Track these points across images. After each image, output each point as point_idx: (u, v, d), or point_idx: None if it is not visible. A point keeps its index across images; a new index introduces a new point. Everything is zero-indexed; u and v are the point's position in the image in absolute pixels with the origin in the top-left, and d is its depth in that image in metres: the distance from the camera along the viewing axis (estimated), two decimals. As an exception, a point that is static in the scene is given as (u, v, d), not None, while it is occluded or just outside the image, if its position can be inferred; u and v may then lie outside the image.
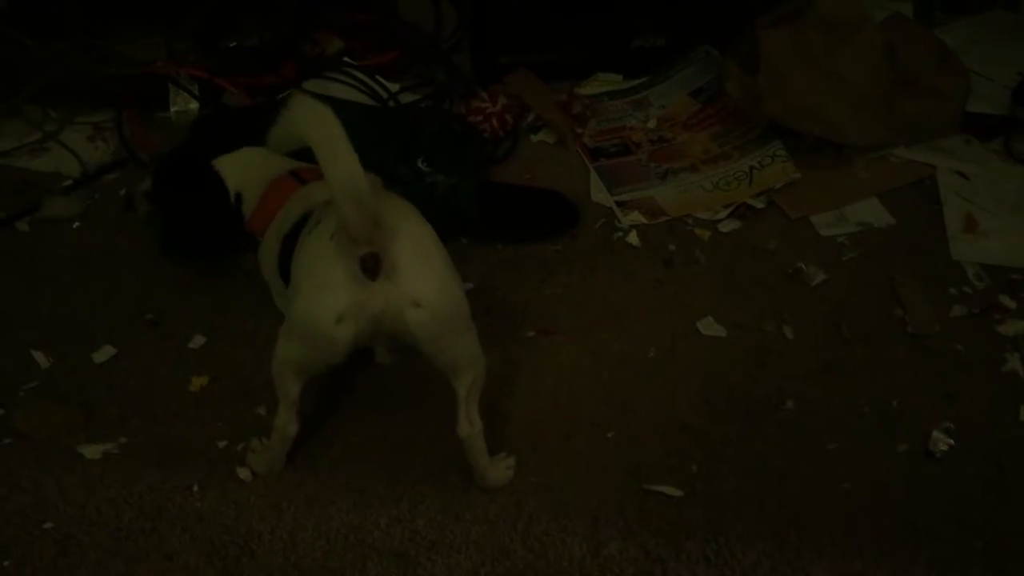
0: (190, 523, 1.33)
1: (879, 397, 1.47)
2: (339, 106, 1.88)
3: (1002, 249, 1.67)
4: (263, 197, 1.44)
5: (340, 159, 1.10)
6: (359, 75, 1.97)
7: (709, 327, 1.57)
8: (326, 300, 1.17)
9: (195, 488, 1.37)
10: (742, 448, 1.41)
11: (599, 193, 1.80)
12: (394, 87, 1.98)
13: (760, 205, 1.76)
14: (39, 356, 1.54)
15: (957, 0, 2.12)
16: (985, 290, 1.61)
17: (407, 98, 1.98)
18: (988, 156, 1.83)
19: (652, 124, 1.94)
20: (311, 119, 1.12)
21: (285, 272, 1.31)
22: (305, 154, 1.20)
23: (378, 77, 1.98)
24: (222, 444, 1.42)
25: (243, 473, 1.38)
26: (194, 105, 1.89)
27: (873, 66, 1.81)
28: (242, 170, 1.48)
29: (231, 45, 2.02)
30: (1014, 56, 1.98)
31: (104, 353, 1.55)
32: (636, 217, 1.75)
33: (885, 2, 2.03)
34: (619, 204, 1.78)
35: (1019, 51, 1.99)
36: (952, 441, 1.40)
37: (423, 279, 1.18)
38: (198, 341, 1.56)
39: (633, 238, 1.72)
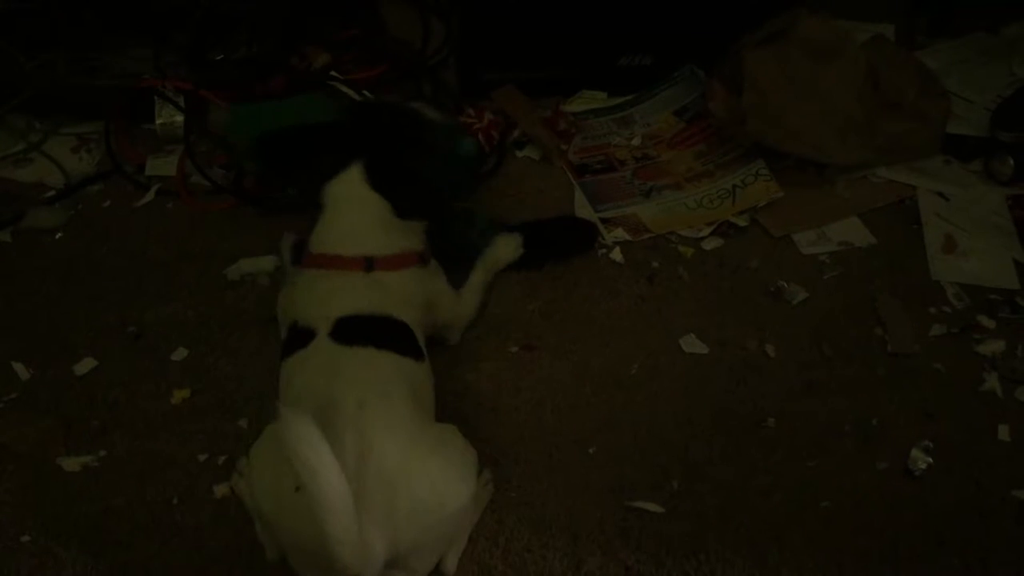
0: (169, 537, 1.33)
1: (859, 415, 1.48)
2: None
3: (981, 269, 1.69)
4: (325, 249, 1.37)
5: (330, 500, 0.99)
6: (345, 89, 1.98)
7: (691, 344, 1.58)
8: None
9: (175, 501, 1.37)
10: (723, 465, 1.41)
11: (583, 210, 1.81)
12: (379, 101, 1.99)
13: (743, 223, 1.77)
14: (19, 367, 1.54)
15: (939, 23, 2.15)
16: (964, 310, 1.63)
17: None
18: (968, 177, 1.85)
19: (636, 142, 1.95)
20: (302, 444, 1.00)
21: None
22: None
23: (364, 92, 1.99)
24: (203, 457, 1.41)
25: (221, 490, 1.37)
26: (180, 118, 1.88)
27: (856, 87, 1.83)
28: (357, 206, 1.36)
29: (219, 58, 2.02)
30: (994, 79, 2.00)
31: (85, 365, 1.54)
32: (620, 234, 1.76)
33: (868, 25, 2.06)
34: (603, 221, 1.78)
35: (999, 74, 2.02)
36: (931, 459, 1.41)
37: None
38: (180, 354, 1.56)
39: (617, 255, 1.72)
